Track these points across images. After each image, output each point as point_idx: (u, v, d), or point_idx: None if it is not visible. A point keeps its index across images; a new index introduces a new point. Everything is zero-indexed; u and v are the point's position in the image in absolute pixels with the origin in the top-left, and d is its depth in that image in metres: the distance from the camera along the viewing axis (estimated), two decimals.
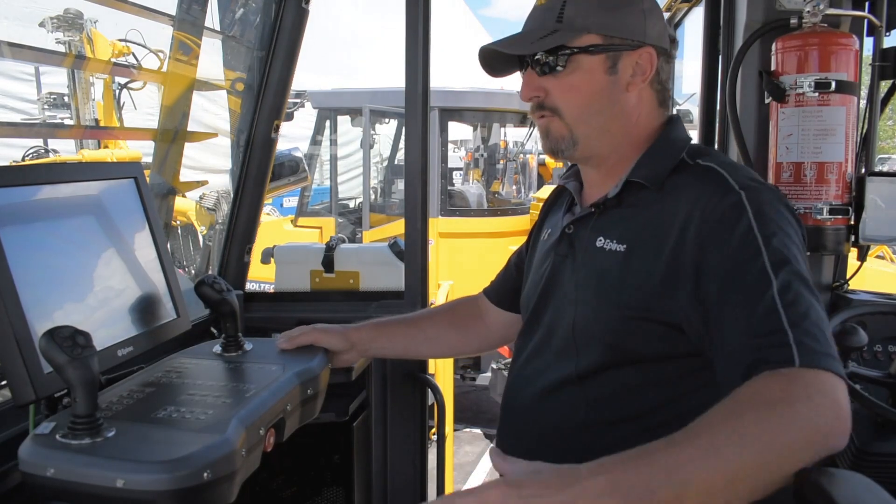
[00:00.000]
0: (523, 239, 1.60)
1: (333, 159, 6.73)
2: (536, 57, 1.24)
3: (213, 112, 2.83)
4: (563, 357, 1.25)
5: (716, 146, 2.32)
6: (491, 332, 1.66)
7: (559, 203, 1.45)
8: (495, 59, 1.31)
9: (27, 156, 5.23)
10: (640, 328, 1.15)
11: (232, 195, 2.30)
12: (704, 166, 1.19)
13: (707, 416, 0.90)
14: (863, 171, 1.94)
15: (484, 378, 6.26)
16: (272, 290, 2.49)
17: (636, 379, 1.17)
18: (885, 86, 1.99)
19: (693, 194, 1.14)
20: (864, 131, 1.97)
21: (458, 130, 7.38)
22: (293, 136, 6.59)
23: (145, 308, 1.33)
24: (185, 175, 2.44)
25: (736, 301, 1.03)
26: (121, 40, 4.36)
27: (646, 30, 1.23)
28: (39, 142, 5.49)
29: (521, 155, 7.30)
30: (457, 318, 1.67)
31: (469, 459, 5.91)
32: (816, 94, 1.83)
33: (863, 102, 1.96)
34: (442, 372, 5.10)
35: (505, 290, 1.62)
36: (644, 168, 1.23)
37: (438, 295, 4.00)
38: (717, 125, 2.33)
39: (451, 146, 6.81)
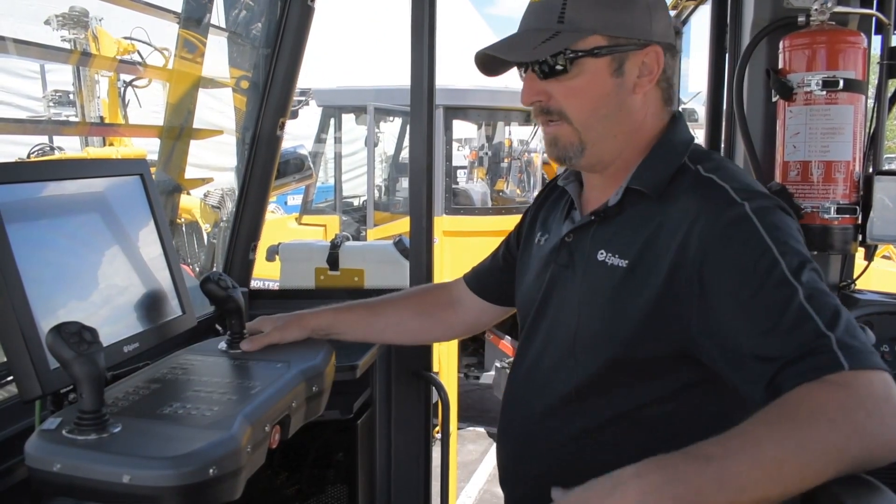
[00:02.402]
0: None
1: (338, 157, 6.73)
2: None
3: (219, 110, 2.83)
4: (561, 370, 1.23)
5: (722, 145, 2.31)
6: (461, 320, 1.63)
7: (555, 204, 1.41)
8: (491, 58, 1.25)
9: (32, 153, 5.24)
10: (643, 346, 1.12)
11: (236, 193, 2.30)
12: (705, 178, 1.14)
13: (764, 427, 0.88)
14: (870, 170, 1.94)
15: (488, 377, 6.26)
16: (277, 288, 2.49)
17: (635, 392, 1.15)
18: (893, 84, 1.98)
19: (693, 208, 1.10)
20: (872, 130, 1.96)
21: (463, 129, 7.37)
22: (298, 133, 6.58)
23: (151, 305, 1.32)
24: (191, 173, 2.44)
25: (760, 312, 0.99)
26: (126, 38, 4.37)
27: (651, 27, 1.18)
28: (45, 139, 5.50)
29: (526, 153, 7.29)
30: (424, 306, 1.64)
31: (472, 458, 5.91)
32: (824, 92, 1.82)
33: (870, 101, 1.95)
34: (445, 370, 5.11)
35: (488, 280, 1.59)
36: (645, 175, 1.19)
37: None
38: (723, 124, 2.32)
39: (455, 144, 6.79)
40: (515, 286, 1.46)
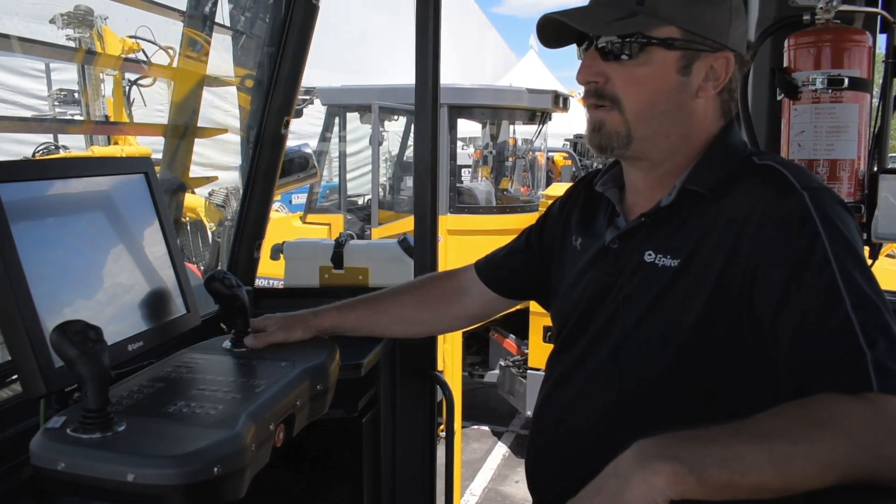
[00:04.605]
0: None
1: (342, 156, 6.73)
2: (603, 39, 1.12)
3: (223, 108, 2.83)
4: (604, 378, 1.18)
5: None
6: (465, 311, 1.61)
7: (593, 207, 1.36)
8: (552, 29, 1.18)
9: (37, 152, 5.24)
10: (698, 347, 1.08)
11: (241, 191, 2.30)
12: (761, 165, 1.11)
13: (782, 421, 0.88)
14: (875, 168, 1.93)
15: (492, 375, 6.27)
16: (281, 286, 2.49)
17: (685, 399, 1.10)
18: None
19: (752, 193, 1.07)
20: (877, 129, 1.95)
21: (467, 127, 7.37)
22: (302, 132, 6.59)
23: (155, 303, 1.33)
24: (195, 171, 2.44)
25: (803, 316, 0.97)
26: (131, 37, 4.37)
27: (729, 32, 1.13)
28: (50, 137, 5.50)
29: (530, 152, 7.29)
30: (428, 299, 1.62)
31: (477, 457, 5.91)
32: (829, 91, 1.81)
33: (875, 100, 1.94)
34: (450, 368, 5.11)
35: (501, 272, 1.56)
36: (701, 175, 1.14)
37: None
38: None
39: (459, 143, 6.79)
40: (551, 290, 1.42)
